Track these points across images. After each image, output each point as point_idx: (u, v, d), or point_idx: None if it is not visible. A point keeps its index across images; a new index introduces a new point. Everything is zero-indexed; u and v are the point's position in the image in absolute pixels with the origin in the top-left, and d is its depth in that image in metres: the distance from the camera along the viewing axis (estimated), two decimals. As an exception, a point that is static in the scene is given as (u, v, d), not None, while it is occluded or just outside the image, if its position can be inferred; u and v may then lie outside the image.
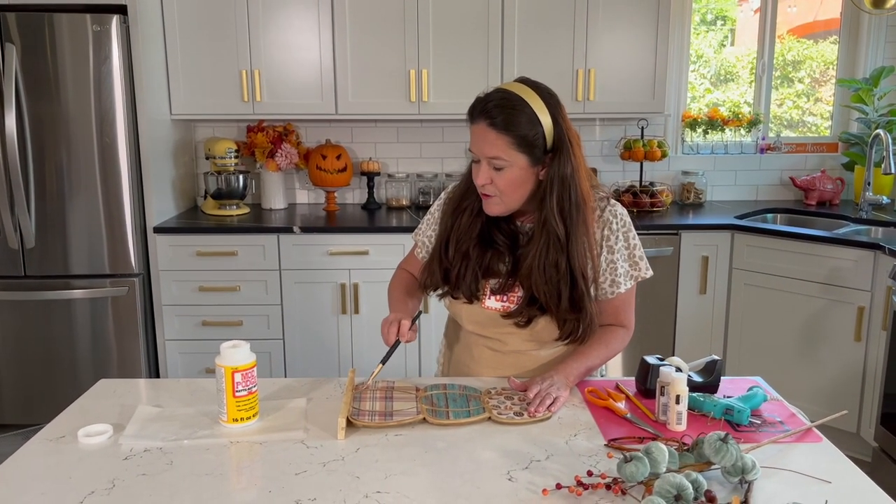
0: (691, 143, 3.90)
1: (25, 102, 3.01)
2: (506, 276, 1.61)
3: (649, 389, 1.50)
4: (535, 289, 1.55)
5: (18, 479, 1.21)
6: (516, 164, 1.51)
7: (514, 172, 1.51)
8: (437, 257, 1.65)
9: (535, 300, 1.57)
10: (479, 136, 1.52)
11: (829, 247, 2.99)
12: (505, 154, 1.50)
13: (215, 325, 3.24)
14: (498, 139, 1.49)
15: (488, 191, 1.54)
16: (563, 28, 3.35)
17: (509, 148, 1.49)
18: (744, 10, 4.01)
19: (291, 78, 3.36)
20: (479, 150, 1.52)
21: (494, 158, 1.51)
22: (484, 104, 1.51)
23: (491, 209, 1.57)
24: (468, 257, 1.61)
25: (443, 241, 1.65)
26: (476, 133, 1.53)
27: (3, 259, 3.12)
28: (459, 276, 1.61)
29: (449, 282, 1.64)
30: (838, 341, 3.00)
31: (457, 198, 1.66)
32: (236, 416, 1.39)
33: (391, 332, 1.58)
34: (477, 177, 1.54)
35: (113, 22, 2.98)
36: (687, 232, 3.27)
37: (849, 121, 3.87)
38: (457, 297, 1.65)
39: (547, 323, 1.60)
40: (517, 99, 1.50)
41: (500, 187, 1.53)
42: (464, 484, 1.19)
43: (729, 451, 1.15)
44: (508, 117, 1.49)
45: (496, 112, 1.49)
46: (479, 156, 1.53)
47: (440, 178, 3.76)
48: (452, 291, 1.64)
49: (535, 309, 1.58)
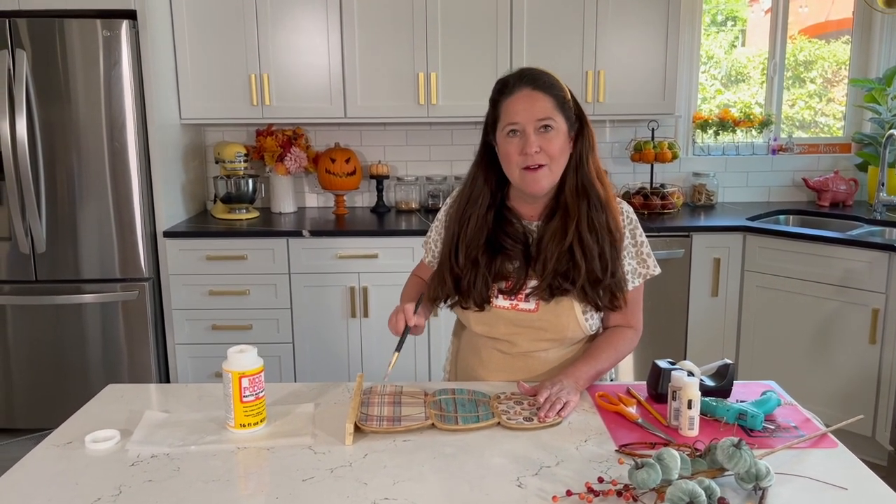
0: (702, 145, 3.88)
1: (36, 107, 3.02)
2: (517, 273, 1.59)
3: (661, 394, 1.48)
4: (556, 263, 1.54)
5: (25, 485, 1.20)
6: (560, 129, 1.54)
7: (560, 137, 1.54)
8: (448, 267, 1.63)
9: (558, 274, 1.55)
10: (525, 100, 1.53)
11: (843, 248, 2.96)
12: (553, 115, 1.53)
13: (225, 329, 3.24)
14: (545, 99, 1.53)
15: (540, 159, 1.52)
16: (573, 30, 3.33)
17: (554, 109, 1.53)
18: (754, 11, 3.98)
19: (300, 82, 3.36)
20: (528, 114, 1.52)
21: (544, 119, 1.52)
22: (519, 76, 1.56)
23: (540, 182, 1.54)
24: (477, 264, 1.59)
25: (451, 249, 1.63)
26: (519, 100, 1.53)
27: (15, 264, 3.13)
28: (470, 284, 1.59)
29: (460, 291, 1.62)
30: (852, 344, 2.97)
31: (461, 205, 1.64)
32: (243, 422, 1.38)
33: (398, 320, 1.56)
34: (526, 146, 1.51)
35: (123, 27, 2.99)
36: (698, 234, 3.24)
37: (862, 121, 3.83)
38: (466, 306, 1.63)
39: (560, 316, 1.59)
40: (543, 71, 1.58)
41: (549, 153, 1.52)
42: (472, 490, 1.18)
43: (742, 458, 1.13)
44: (548, 80, 1.55)
45: (537, 75, 1.55)
46: (527, 121, 1.52)
47: (449, 180, 3.75)
48: (462, 301, 1.62)
49: (558, 279, 1.55)
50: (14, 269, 3.14)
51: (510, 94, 1.55)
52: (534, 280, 1.58)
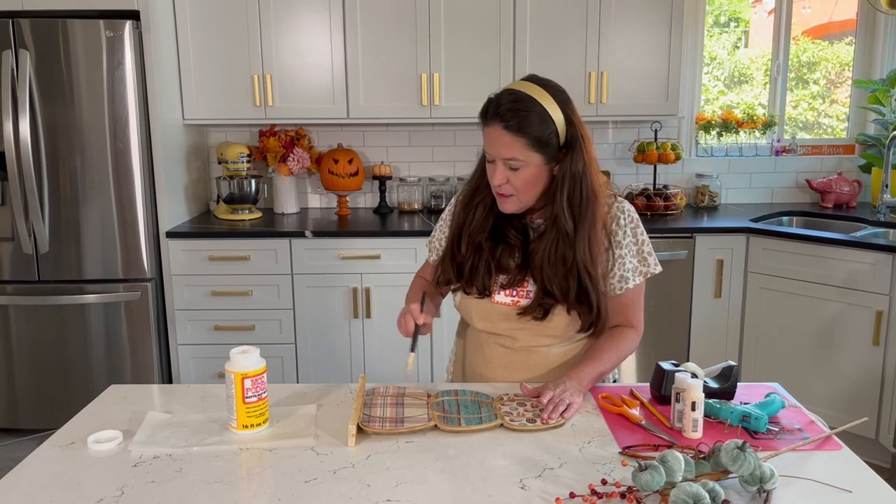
0: (705, 146, 3.87)
1: (40, 108, 3.02)
2: (515, 271, 1.61)
3: (664, 396, 1.48)
4: (546, 282, 1.56)
5: (27, 486, 1.20)
6: (532, 164, 1.52)
7: (530, 171, 1.53)
8: (451, 252, 1.67)
9: (548, 293, 1.57)
10: (494, 138, 1.52)
11: (847, 250, 2.95)
12: (521, 155, 1.51)
13: (228, 330, 3.24)
14: (513, 141, 1.50)
15: (504, 190, 1.55)
16: (576, 30, 3.33)
17: (524, 149, 1.50)
18: (757, 12, 3.98)
19: (303, 82, 3.36)
20: (495, 153, 1.53)
21: (510, 160, 1.51)
22: (496, 107, 1.51)
23: (506, 207, 1.58)
24: (481, 250, 1.62)
25: (455, 236, 1.67)
26: (490, 135, 1.53)
27: (18, 264, 3.14)
28: (473, 268, 1.63)
29: (462, 276, 1.65)
30: (856, 346, 2.96)
31: (468, 194, 1.67)
32: (246, 423, 1.38)
33: (406, 321, 1.58)
34: (493, 177, 1.55)
35: (126, 28, 2.99)
36: (701, 235, 3.24)
37: (865, 122, 3.82)
38: (469, 291, 1.65)
39: (559, 318, 1.60)
40: (528, 99, 1.50)
41: (516, 186, 1.54)
42: (475, 492, 1.18)
43: (747, 460, 1.12)
44: (522, 119, 1.49)
45: (509, 115, 1.49)
46: (495, 157, 1.53)
47: (452, 181, 3.75)
48: (465, 286, 1.65)
49: (550, 300, 1.57)
50: (17, 270, 3.14)
51: (486, 125, 1.54)
52: (529, 286, 1.61)
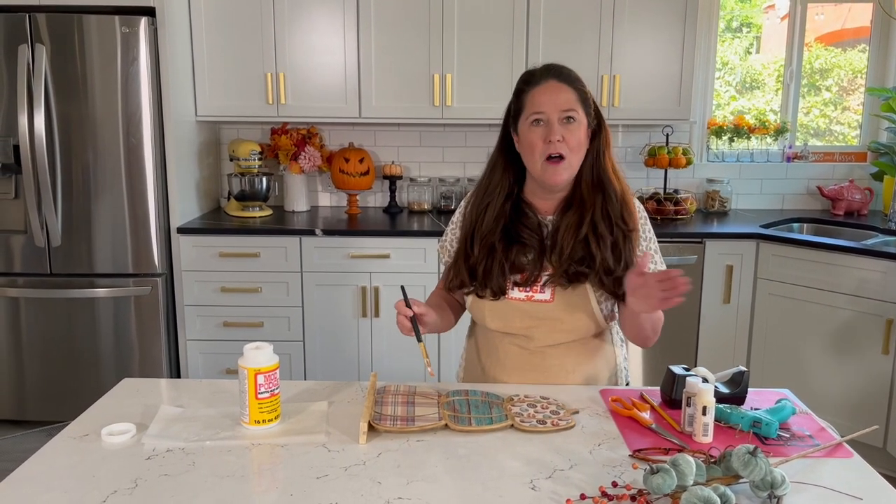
0: (716, 151, 3.86)
1: (54, 102, 3.04)
2: (531, 267, 1.61)
3: (675, 400, 1.48)
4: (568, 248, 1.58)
5: (42, 477, 1.21)
6: (582, 122, 1.58)
7: (581, 130, 1.58)
8: (463, 255, 1.66)
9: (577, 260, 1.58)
10: (551, 91, 1.58)
11: (857, 258, 2.94)
12: (576, 107, 1.58)
13: (236, 326, 3.25)
14: (570, 92, 1.58)
15: (560, 148, 1.56)
16: (589, 34, 3.33)
17: (577, 102, 1.58)
18: (770, 18, 3.97)
19: (316, 81, 3.37)
20: (553, 104, 1.57)
21: (568, 111, 1.57)
22: (546, 67, 1.63)
23: (561, 174, 1.58)
24: (494, 251, 1.62)
25: (467, 238, 1.66)
26: (545, 91, 1.58)
27: (30, 257, 3.16)
28: (486, 270, 1.62)
29: (476, 278, 1.64)
30: (865, 354, 2.95)
31: (479, 195, 1.68)
32: (258, 418, 1.38)
33: (400, 320, 1.56)
34: (549, 135, 1.56)
35: (141, 24, 3.01)
36: (711, 240, 3.23)
37: (878, 130, 3.81)
38: (482, 294, 1.64)
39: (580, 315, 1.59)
40: (566, 67, 1.65)
41: (570, 145, 1.57)
42: (486, 492, 1.18)
43: (758, 465, 1.12)
44: (573, 74, 1.63)
45: (563, 71, 1.62)
46: (552, 111, 1.57)
47: (462, 182, 3.75)
48: (479, 290, 1.64)
49: (574, 265, 1.58)
50: (29, 263, 3.16)
51: (536, 84, 1.60)
52: (549, 270, 1.61)
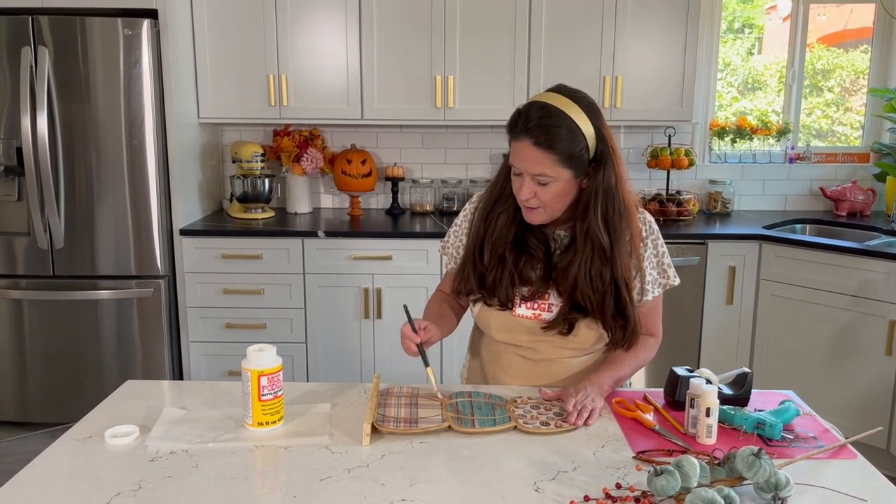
0: (719, 152, 3.86)
1: (57, 104, 3.04)
2: (538, 283, 1.59)
3: (678, 401, 1.48)
4: (581, 298, 1.54)
5: (46, 479, 1.21)
6: (560, 179, 1.49)
7: (559, 186, 1.50)
8: (472, 262, 1.63)
9: (576, 307, 1.55)
10: (522, 153, 1.49)
11: (860, 259, 2.94)
12: (550, 171, 1.48)
13: (239, 328, 3.26)
14: (542, 157, 1.47)
15: (532, 204, 1.52)
16: (591, 35, 3.33)
17: (554, 165, 1.47)
18: (772, 18, 3.97)
19: (318, 83, 3.37)
20: (523, 167, 1.50)
21: (539, 175, 1.48)
22: (525, 121, 1.47)
23: (534, 219, 1.56)
24: (504, 261, 1.59)
25: (476, 245, 1.63)
26: (519, 150, 1.50)
27: (33, 259, 3.16)
28: (496, 280, 1.60)
29: (485, 287, 1.62)
30: (868, 355, 2.95)
31: (489, 203, 1.64)
32: (261, 420, 1.38)
33: (407, 346, 1.56)
34: (520, 191, 1.51)
35: (144, 26, 3.01)
36: (714, 241, 3.23)
37: (881, 130, 3.80)
38: (490, 303, 1.62)
39: (586, 332, 1.59)
40: (558, 113, 1.47)
41: (543, 200, 1.51)
42: (489, 493, 1.18)
43: (762, 467, 1.12)
44: (551, 135, 1.45)
45: (538, 130, 1.45)
46: (523, 172, 1.50)
47: (464, 183, 3.75)
48: (487, 298, 1.62)
49: (577, 314, 1.56)
50: (32, 264, 3.16)
51: (515, 139, 1.51)
52: (550, 298, 1.59)
